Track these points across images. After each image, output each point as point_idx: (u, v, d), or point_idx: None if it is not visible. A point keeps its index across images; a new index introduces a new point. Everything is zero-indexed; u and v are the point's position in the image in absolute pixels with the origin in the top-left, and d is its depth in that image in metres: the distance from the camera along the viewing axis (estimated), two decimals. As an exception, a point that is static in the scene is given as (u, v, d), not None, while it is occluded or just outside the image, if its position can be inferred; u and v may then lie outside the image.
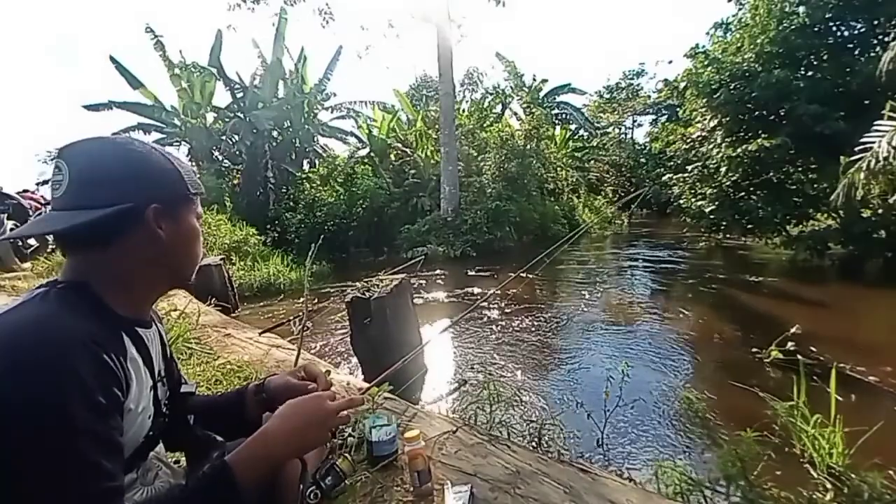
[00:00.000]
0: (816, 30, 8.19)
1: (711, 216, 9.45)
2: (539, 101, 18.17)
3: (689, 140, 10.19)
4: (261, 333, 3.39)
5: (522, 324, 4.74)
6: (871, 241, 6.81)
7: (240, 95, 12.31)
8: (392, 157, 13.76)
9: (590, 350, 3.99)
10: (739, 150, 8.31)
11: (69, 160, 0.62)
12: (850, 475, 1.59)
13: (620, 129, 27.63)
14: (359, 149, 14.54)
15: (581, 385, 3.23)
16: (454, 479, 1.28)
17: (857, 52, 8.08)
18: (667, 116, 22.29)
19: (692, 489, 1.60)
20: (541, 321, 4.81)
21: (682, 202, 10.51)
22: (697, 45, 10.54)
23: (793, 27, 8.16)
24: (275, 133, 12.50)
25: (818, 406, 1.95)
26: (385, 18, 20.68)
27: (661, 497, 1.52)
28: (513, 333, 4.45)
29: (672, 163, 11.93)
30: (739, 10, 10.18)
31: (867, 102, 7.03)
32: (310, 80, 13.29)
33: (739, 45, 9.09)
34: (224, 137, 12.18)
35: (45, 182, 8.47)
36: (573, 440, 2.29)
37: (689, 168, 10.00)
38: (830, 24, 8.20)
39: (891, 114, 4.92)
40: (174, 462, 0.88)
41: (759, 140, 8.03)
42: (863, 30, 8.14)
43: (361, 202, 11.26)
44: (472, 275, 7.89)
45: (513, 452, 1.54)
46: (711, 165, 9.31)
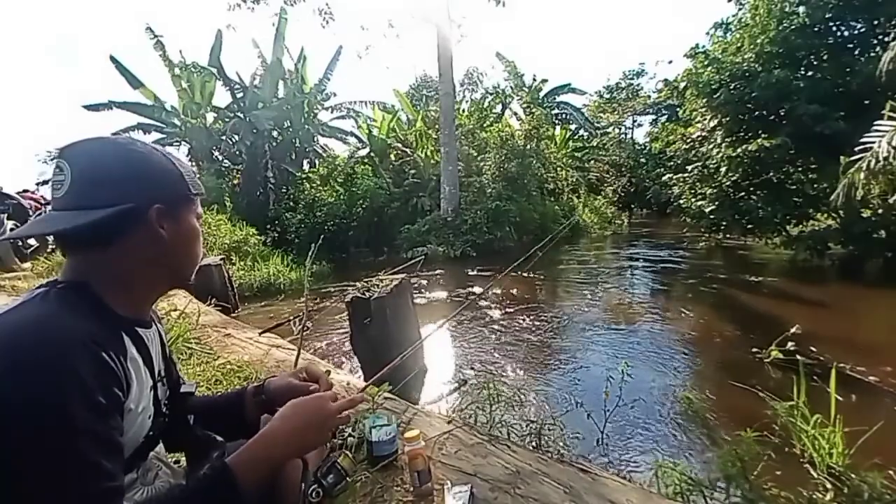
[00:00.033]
0: (816, 30, 8.19)
1: (711, 216, 9.45)
2: (539, 101, 18.16)
3: (689, 140, 10.19)
4: (261, 333, 3.39)
5: (523, 323, 4.74)
6: (871, 241, 6.81)
7: (240, 95, 12.31)
8: (392, 157, 13.76)
9: (590, 350, 3.99)
10: (739, 150, 8.31)
11: (70, 160, 0.62)
12: (850, 475, 1.59)
13: (620, 129, 27.59)
14: (359, 149, 14.54)
15: (581, 385, 3.23)
16: (454, 479, 1.28)
17: (857, 52, 8.08)
18: (667, 116, 22.28)
19: (692, 489, 1.60)
20: (541, 321, 4.81)
21: (682, 202, 10.52)
22: (697, 45, 10.55)
23: (793, 27, 8.16)
24: (275, 133, 12.50)
25: (818, 406, 1.95)
26: (385, 18, 20.69)
27: (661, 497, 1.52)
28: (513, 333, 4.45)
29: (672, 163, 11.95)
30: (739, 10, 10.19)
31: (867, 102, 7.03)
32: (310, 80, 13.29)
33: (739, 45, 9.09)
34: (224, 137, 12.18)
35: (45, 182, 8.46)
36: (573, 440, 2.29)
37: (689, 168, 10.01)
38: (830, 24, 8.19)
39: (891, 114, 4.92)
40: (174, 462, 0.88)
41: (759, 140, 8.02)
42: (863, 30, 8.13)
43: (361, 202, 11.26)
44: (473, 275, 7.89)
45: (513, 452, 1.54)
46: (711, 165, 9.31)
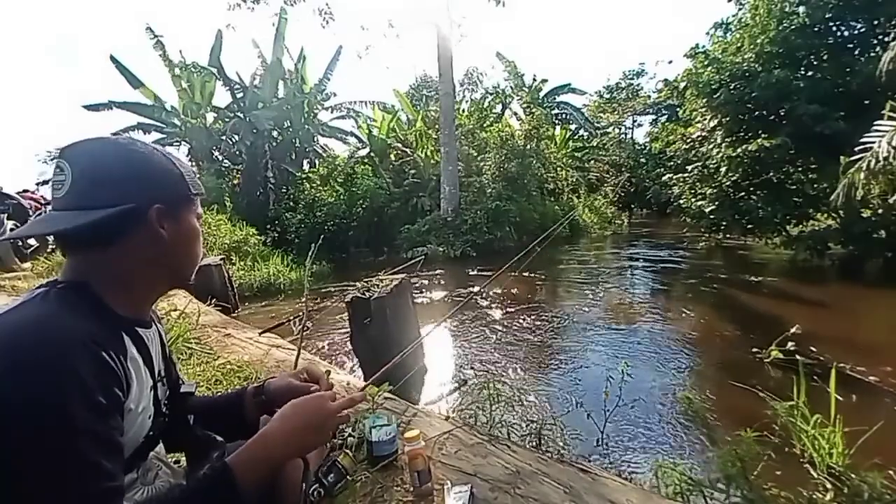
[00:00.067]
0: (816, 30, 8.19)
1: (711, 216, 9.45)
2: (539, 101, 18.15)
3: (689, 140, 10.19)
4: (261, 333, 3.39)
5: (523, 323, 4.74)
6: (871, 241, 6.80)
7: (240, 95, 12.31)
8: (392, 157, 13.77)
9: (590, 350, 3.99)
10: (739, 150, 8.31)
11: (71, 160, 0.62)
12: (850, 475, 1.59)
13: (620, 129, 27.57)
14: (359, 149, 14.54)
15: (581, 385, 3.23)
16: (454, 479, 1.29)
17: (857, 52, 8.07)
18: (667, 116, 22.26)
19: (692, 489, 1.60)
20: (542, 321, 4.81)
21: (682, 202, 10.51)
22: (697, 45, 10.54)
23: (793, 27, 8.16)
24: (275, 133, 12.50)
25: (818, 406, 1.95)
26: (385, 18, 20.71)
27: (661, 497, 1.52)
28: (513, 333, 4.45)
29: (672, 163, 11.94)
30: (739, 10, 10.18)
31: (867, 102, 7.02)
32: (310, 80, 13.29)
33: (739, 45, 9.08)
34: (224, 137, 12.18)
35: (45, 182, 8.46)
36: (573, 440, 2.29)
37: (689, 168, 10.01)
38: (830, 24, 8.19)
39: (891, 114, 4.91)
40: (174, 462, 0.88)
41: (759, 140, 8.02)
42: (863, 30, 8.13)
43: (361, 202, 11.26)
44: (473, 274, 7.89)
45: (513, 452, 1.54)
46: (711, 165, 9.31)
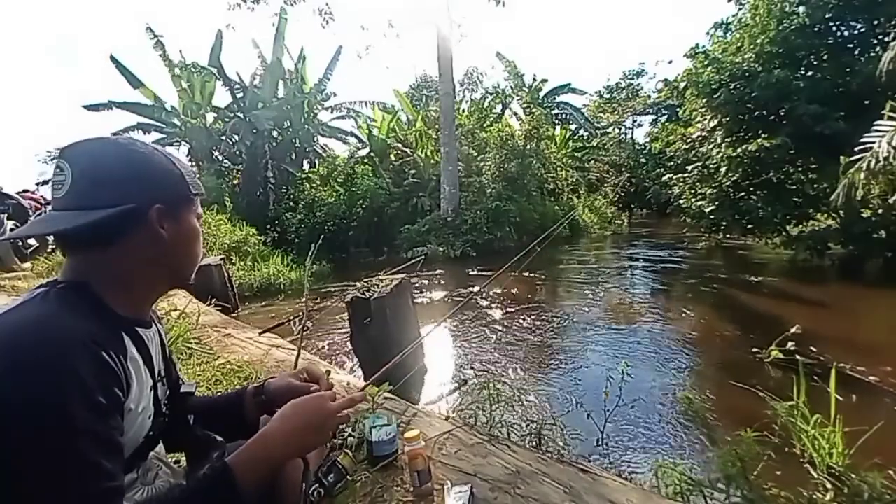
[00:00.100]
0: (816, 30, 8.19)
1: (711, 216, 9.45)
2: (539, 101, 18.15)
3: (689, 140, 10.19)
4: (261, 333, 3.39)
5: (523, 323, 4.74)
6: (871, 241, 6.80)
7: (240, 95, 12.31)
8: (392, 157, 13.77)
9: (590, 350, 3.99)
10: (739, 150, 8.31)
11: (71, 160, 0.62)
12: (850, 475, 1.59)
13: (620, 129, 27.57)
14: (359, 149, 14.54)
15: (581, 385, 3.23)
16: (454, 479, 1.29)
17: (857, 52, 8.07)
18: (667, 116, 22.26)
19: (692, 489, 1.60)
20: (542, 321, 4.81)
21: (682, 202, 10.51)
22: (697, 45, 10.54)
23: (793, 27, 8.16)
24: (275, 133, 12.50)
25: (818, 406, 1.95)
26: (385, 18, 20.74)
27: (661, 497, 1.52)
28: (514, 333, 4.45)
29: (672, 163, 11.94)
30: (739, 10, 10.18)
31: (867, 102, 7.02)
32: (310, 80, 13.29)
33: (739, 45, 9.08)
34: (224, 137, 12.18)
35: (45, 182, 8.45)
36: (573, 440, 2.29)
37: (689, 168, 10.00)
38: (830, 24, 8.19)
39: (891, 114, 4.91)
40: (174, 462, 0.88)
41: (759, 140, 8.02)
42: (863, 30, 8.13)
43: (361, 202, 11.26)
44: (473, 274, 7.89)
45: (513, 452, 1.54)
46: (711, 165, 9.31)
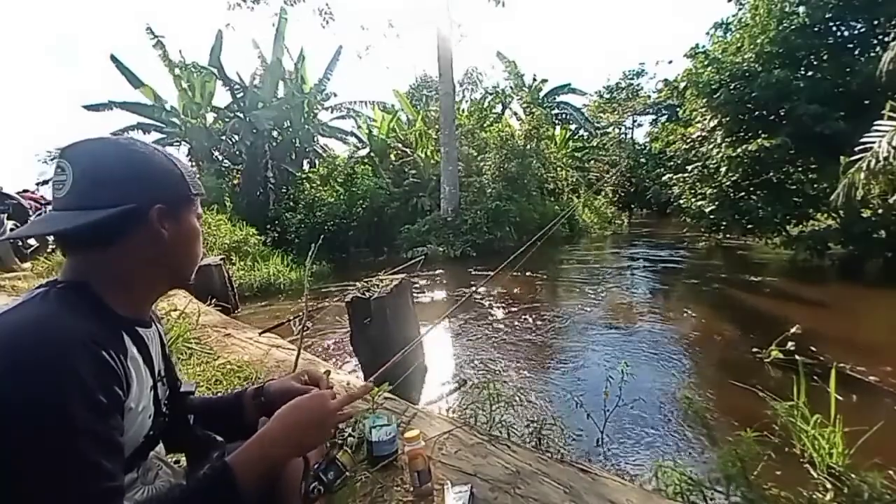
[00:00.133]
0: (816, 30, 8.19)
1: (711, 216, 9.45)
2: (539, 101, 18.15)
3: (689, 140, 10.19)
4: (261, 333, 3.39)
5: (524, 323, 4.74)
6: (871, 241, 6.81)
7: (240, 95, 12.31)
8: (392, 157, 13.77)
9: (590, 349, 3.99)
10: (739, 150, 8.31)
11: (72, 160, 0.62)
12: (850, 475, 1.59)
13: (620, 129, 27.60)
14: (359, 149, 14.54)
15: (581, 385, 3.23)
16: (454, 479, 1.29)
17: (857, 52, 8.08)
18: (667, 116, 22.27)
19: (692, 489, 1.60)
20: (542, 321, 4.81)
21: (682, 202, 10.52)
22: (697, 45, 10.55)
23: (793, 27, 8.16)
24: (275, 133, 12.50)
25: (818, 406, 1.95)
26: (385, 18, 20.75)
27: (661, 497, 1.52)
28: (514, 333, 4.45)
29: (672, 163, 11.94)
30: (739, 10, 10.19)
31: (867, 102, 7.02)
32: (310, 80, 13.29)
33: (739, 45, 9.09)
34: (224, 137, 12.18)
35: (46, 182, 8.44)
36: (573, 440, 2.29)
37: (689, 168, 10.01)
38: (830, 24, 8.19)
39: (891, 114, 4.91)
40: (174, 462, 0.88)
41: (759, 140, 8.02)
42: (863, 30, 8.13)
43: (361, 202, 11.26)
44: (473, 274, 7.89)
45: (513, 452, 1.54)
46: (711, 165, 9.31)
